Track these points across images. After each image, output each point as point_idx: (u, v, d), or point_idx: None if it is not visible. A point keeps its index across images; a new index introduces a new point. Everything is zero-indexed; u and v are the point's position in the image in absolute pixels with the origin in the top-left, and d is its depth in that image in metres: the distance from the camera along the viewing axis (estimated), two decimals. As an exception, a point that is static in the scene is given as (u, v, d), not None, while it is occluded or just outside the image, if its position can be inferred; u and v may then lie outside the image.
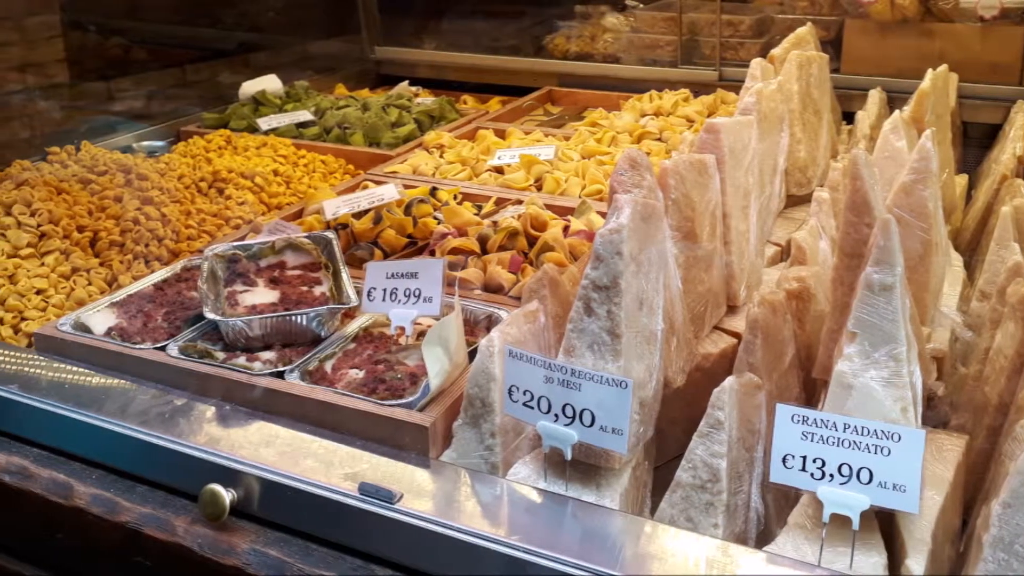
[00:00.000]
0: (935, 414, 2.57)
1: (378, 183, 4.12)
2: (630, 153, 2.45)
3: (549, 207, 3.73)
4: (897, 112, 3.22)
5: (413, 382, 2.57)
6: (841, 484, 1.97)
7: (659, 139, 4.58)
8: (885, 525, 2.05)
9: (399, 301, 2.77)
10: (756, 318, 2.38)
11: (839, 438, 1.97)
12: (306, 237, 3.23)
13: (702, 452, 2.13)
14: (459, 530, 2.10)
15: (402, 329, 2.78)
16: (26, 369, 2.79)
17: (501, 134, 4.87)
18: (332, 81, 6.09)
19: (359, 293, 2.87)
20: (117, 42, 5.45)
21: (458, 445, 2.37)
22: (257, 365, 2.71)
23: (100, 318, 2.97)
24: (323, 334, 2.84)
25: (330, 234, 3.24)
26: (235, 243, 3.21)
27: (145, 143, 5.00)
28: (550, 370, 2.17)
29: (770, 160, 3.37)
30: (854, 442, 1.96)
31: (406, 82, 5.95)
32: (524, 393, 2.21)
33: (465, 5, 6.36)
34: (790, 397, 2.48)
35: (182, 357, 2.73)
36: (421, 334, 2.74)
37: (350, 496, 2.22)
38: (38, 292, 3.30)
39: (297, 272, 3.12)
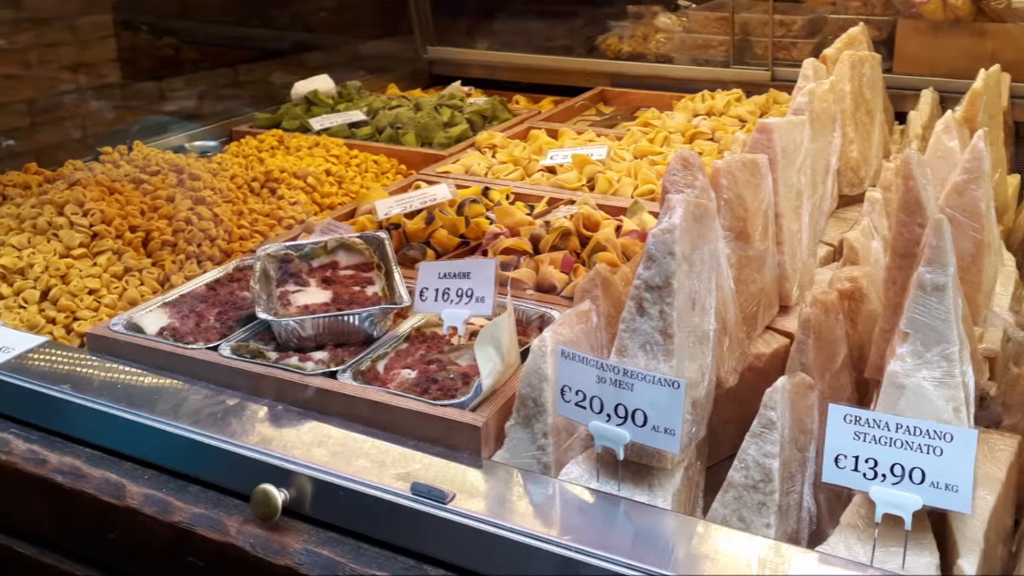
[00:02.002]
0: (987, 414, 2.55)
1: (430, 183, 4.13)
2: (682, 153, 2.45)
3: (601, 207, 3.72)
4: (949, 112, 3.21)
5: (465, 382, 2.58)
6: (893, 484, 1.96)
7: (711, 139, 4.57)
8: (937, 525, 2.04)
9: (451, 301, 2.78)
10: (808, 318, 2.37)
11: (891, 438, 1.96)
12: (358, 237, 3.23)
13: (754, 452, 2.13)
14: (511, 530, 2.10)
15: (454, 329, 2.78)
16: (78, 369, 2.81)
17: (553, 134, 4.87)
18: (384, 81, 6.10)
19: (411, 293, 2.88)
20: (169, 42, 5.48)
21: (510, 445, 2.37)
22: (309, 365, 2.71)
23: (152, 318, 2.98)
24: (375, 334, 2.85)
25: (382, 234, 3.25)
26: (287, 243, 3.22)
27: (197, 143, 5.03)
28: (602, 370, 2.17)
29: (822, 160, 3.35)
30: (906, 442, 1.95)
31: (458, 82, 5.96)
32: (576, 393, 2.21)
33: (517, 5, 6.36)
34: (842, 397, 2.47)
35: (234, 357, 2.74)
36: (473, 334, 2.74)
37: (402, 496, 2.22)
38: (90, 292, 3.32)
39: (349, 272, 3.13)
